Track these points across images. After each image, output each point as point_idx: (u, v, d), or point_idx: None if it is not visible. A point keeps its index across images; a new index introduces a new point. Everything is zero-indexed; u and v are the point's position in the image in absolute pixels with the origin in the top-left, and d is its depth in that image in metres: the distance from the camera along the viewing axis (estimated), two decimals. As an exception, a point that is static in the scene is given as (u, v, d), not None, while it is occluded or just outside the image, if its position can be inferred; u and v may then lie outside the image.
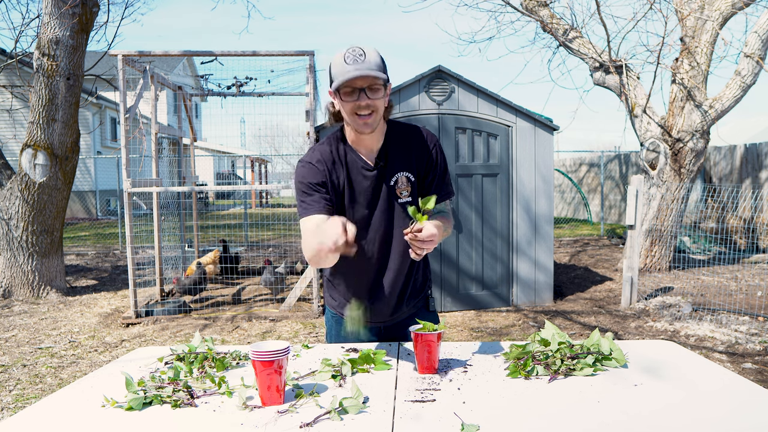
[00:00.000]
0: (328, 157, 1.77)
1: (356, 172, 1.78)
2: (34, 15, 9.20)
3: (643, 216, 7.41)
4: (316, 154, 1.78)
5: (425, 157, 1.81)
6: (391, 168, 1.78)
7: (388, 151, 1.79)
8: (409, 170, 1.80)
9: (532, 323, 5.30)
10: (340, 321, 1.99)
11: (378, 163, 1.78)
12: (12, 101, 10.10)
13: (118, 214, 12.93)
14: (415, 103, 5.66)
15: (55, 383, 3.94)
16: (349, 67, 1.60)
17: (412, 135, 1.82)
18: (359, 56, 1.60)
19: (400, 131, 1.82)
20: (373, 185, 1.78)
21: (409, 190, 1.80)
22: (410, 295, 1.95)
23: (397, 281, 1.88)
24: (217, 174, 24.06)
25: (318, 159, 1.77)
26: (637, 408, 1.32)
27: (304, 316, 5.61)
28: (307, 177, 1.74)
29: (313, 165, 1.76)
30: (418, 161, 1.81)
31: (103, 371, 1.72)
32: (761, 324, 4.97)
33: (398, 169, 1.79)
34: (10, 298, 6.57)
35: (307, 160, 1.77)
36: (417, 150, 1.80)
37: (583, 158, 15.68)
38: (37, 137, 6.39)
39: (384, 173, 1.78)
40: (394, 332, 1.98)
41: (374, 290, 1.88)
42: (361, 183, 1.78)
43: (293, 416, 1.32)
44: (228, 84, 7.02)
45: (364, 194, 1.78)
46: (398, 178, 1.79)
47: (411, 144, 1.81)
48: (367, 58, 1.61)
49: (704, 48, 7.11)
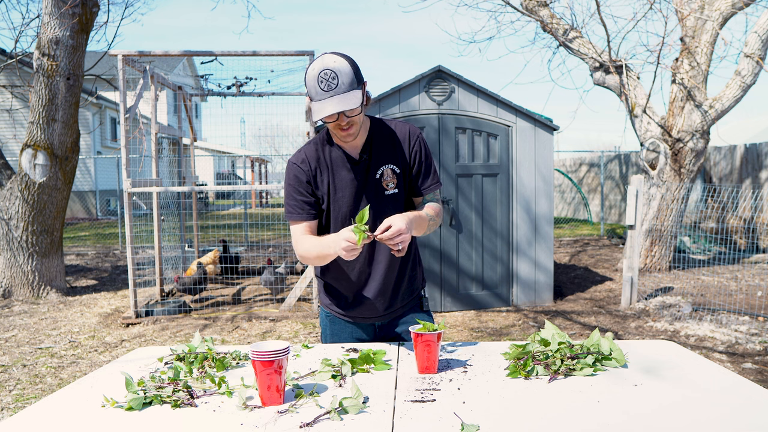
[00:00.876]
0: (313, 155, 1.84)
1: (340, 167, 1.83)
2: (34, 15, 9.22)
3: (643, 216, 7.42)
4: (301, 155, 1.86)
5: (409, 148, 1.86)
6: (375, 161, 1.83)
7: (372, 145, 1.83)
8: (394, 162, 1.85)
9: (532, 323, 5.30)
10: (335, 320, 2.01)
11: (362, 156, 1.82)
12: (12, 101, 10.11)
13: (118, 214, 12.93)
14: (415, 103, 5.66)
15: (55, 383, 3.94)
16: (323, 95, 1.63)
17: (396, 129, 1.87)
18: (332, 80, 1.63)
19: (384, 126, 1.87)
20: (359, 178, 1.83)
21: (395, 181, 1.85)
22: (404, 291, 1.96)
23: (389, 274, 1.90)
24: (217, 174, 24.07)
25: (302, 159, 1.84)
26: (637, 408, 1.32)
27: (304, 316, 5.61)
28: (291, 177, 1.84)
29: (297, 166, 1.84)
30: (402, 153, 1.85)
31: (103, 371, 1.72)
32: (761, 324, 4.97)
33: (383, 162, 1.84)
34: (10, 298, 6.57)
35: (293, 161, 1.85)
36: (400, 142, 1.85)
37: (583, 158, 15.68)
38: (37, 137, 6.39)
39: (369, 166, 1.83)
40: (389, 329, 2.00)
41: (366, 282, 1.90)
42: (346, 177, 1.83)
43: (293, 416, 1.32)
44: (228, 84, 7.03)
45: (350, 188, 1.83)
46: (384, 170, 1.84)
47: (394, 137, 1.86)
48: (340, 81, 1.63)
49: (704, 48, 7.11)
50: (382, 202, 1.84)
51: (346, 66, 1.65)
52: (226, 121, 12.92)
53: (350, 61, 1.68)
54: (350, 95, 1.64)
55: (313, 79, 1.64)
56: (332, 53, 1.67)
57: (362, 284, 1.91)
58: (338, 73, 1.63)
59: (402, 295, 1.96)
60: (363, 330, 2.00)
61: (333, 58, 1.65)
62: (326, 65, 1.63)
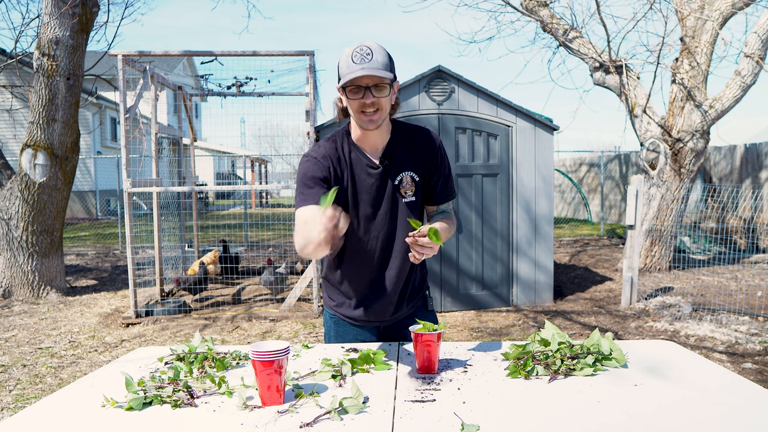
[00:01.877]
0: (333, 153, 1.77)
1: (360, 169, 1.78)
2: (34, 15, 9.21)
3: (643, 216, 7.41)
4: (321, 150, 1.78)
5: (430, 158, 1.82)
6: (396, 167, 1.79)
7: (394, 150, 1.79)
8: (414, 170, 1.81)
9: (532, 323, 5.30)
10: (339, 322, 1.99)
11: (383, 161, 1.78)
12: (12, 101, 10.11)
13: (118, 214, 12.92)
14: (415, 103, 5.66)
15: (55, 383, 3.94)
16: (355, 66, 1.61)
17: (418, 135, 1.82)
18: (366, 55, 1.62)
19: (406, 131, 1.83)
20: (378, 183, 1.78)
21: (414, 189, 1.81)
22: (410, 295, 1.95)
23: (399, 280, 1.88)
24: (217, 174, 24.06)
25: (323, 155, 1.76)
26: (637, 408, 1.32)
27: (304, 316, 5.61)
28: (309, 171, 1.74)
29: (318, 160, 1.75)
30: (423, 162, 1.81)
31: (103, 371, 1.72)
32: (761, 324, 4.97)
33: (403, 169, 1.80)
34: (10, 298, 6.57)
35: (312, 155, 1.77)
36: (422, 150, 1.81)
37: (583, 158, 15.68)
38: (37, 137, 6.39)
39: (389, 172, 1.79)
40: (394, 332, 1.99)
41: (376, 288, 1.88)
42: (366, 181, 1.78)
43: (293, 416, 1.32)
44: (228, 84, 7.03)
45: (368, 192, 1.79)
46: (403, 177, 1.80)
47: (416, 144, 1.81)
48: (374, 58, 1.62)
49: (704, 48, 7.11)
50: (399, 209, 1.81)
51: (383, 51, 1.66)
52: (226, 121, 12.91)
53: (387, 52, 1.68)
54: (383, 72, 1.62)
55: (347, 56, 1.64)
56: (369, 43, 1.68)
57: (373, 289, 1.89)
58: (373, 51, 1.63)
59: (408, 299, 1.95)
60: (368, 332, 1.99)
61: (371, 43, 1.66)
62: (363, 43, 1.65)
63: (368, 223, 1.81)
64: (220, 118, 16.91)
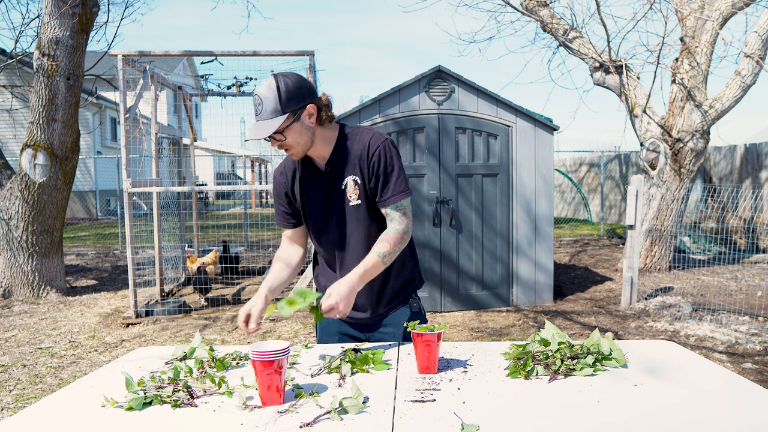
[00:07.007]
0: (290, 166, 1.93)
1: (309, 179, 1.89)
2: (34, 15, 9.21)
3: (643, 216, 7.42)
4: (280, 166, 1.95)
5: (368, 159, 1.84)
6: (339, 172, 1.86)
7: (337, 157, 1.86)
8: (355, 174, 1.86)
9: (532, 323, 5.30)
10: (328, 319, 2.01)
11: (327, 168, 1.86)
12: (12, 101, 10.11)
13: (118, 214, 12.92)
14: (415, 103, 5.66)
15: (55, 383, 3.94)
16: (254, 119, 1.74)
17: (358, 139, 1.87)
18: (258, 105, 1.72)
19: (350, 136, 1.88)
20: (325, 189, 1.88)
21: (358, 192, 1.86)
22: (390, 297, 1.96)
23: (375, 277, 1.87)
24: (217, 174, 24.06)
25: (281, 171, 1.95)
26: (637, 408, 1.32)
27: (304, 316, 5.61)
28: (274, 188, 1.97)
29: (276, 177, 1.96)
30: (361, 164, 1.85)
31: (103, 371, 1.72)
32: (761, 324, 4.97)
33: (347, 174, 1.86)
34: (10, 298, 6.57)
35: (276, 172, 1.96)
36: (360, 153, 1.85)
37: (583, 158, 15.68)
38: (37, 137, 6.39)
39: (334, 177, 1.86)
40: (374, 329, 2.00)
41: None
42: (315, 189, 1.89)
43: (293, 416, 1.32)
44: (228, 84, 7.03)
45: (317, 200, 1.89)
46: (347, 181, 1.86)
47: (356, 148, 1.86)
48: (264, 108, 1.71)
49: (704, 48, 7.11)
50: (346, 213, 1.88)
51: (272, 92, 1.70)
52: (226, 121, 12.91)
53: (282, 86, 1.70)
54: (269, 123, 1.69)
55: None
56: (275, 75, 1.73)
57: None
58: (263, 99, 1.71)
59: (388, 297, 1.96)
60: (351, 327, 2.02)
61: (267, 83, 1.72)
62: (257, 91, 1.73)
63: (322, 230, 1.91)
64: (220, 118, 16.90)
